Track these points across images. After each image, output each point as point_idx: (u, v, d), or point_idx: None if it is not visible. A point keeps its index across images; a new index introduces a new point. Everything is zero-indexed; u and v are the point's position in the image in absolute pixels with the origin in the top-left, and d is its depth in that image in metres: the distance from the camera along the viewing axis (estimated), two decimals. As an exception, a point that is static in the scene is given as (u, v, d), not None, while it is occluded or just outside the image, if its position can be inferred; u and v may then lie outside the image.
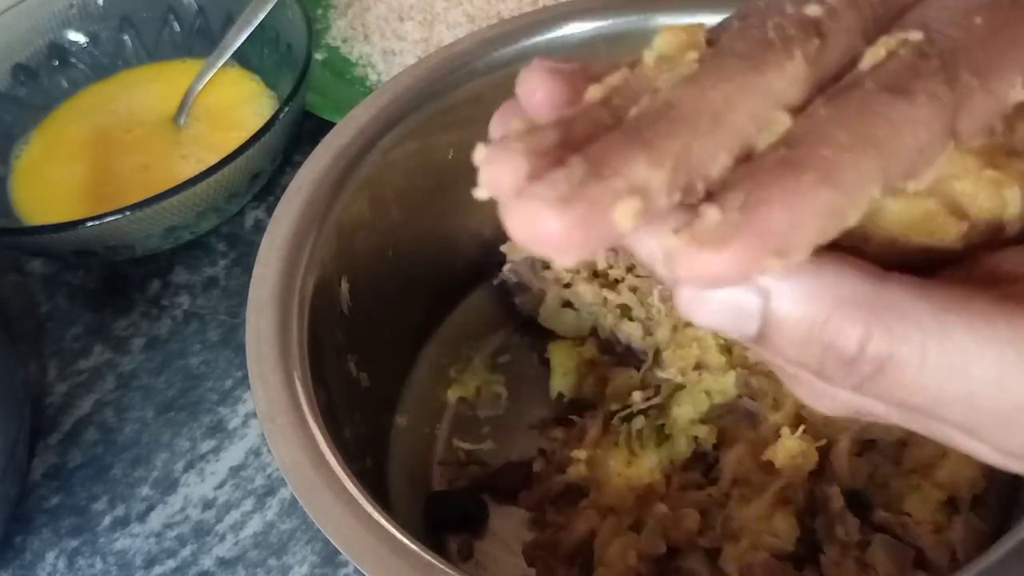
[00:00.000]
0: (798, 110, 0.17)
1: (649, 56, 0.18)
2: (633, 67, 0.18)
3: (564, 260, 0.16)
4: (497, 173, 0.16)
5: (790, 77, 0.17)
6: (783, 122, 0.17)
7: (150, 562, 0.45)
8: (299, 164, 0.42)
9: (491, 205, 0.16)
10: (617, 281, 0.46)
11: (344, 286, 0.42)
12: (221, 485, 0.47)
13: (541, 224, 0.15)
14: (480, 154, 0.16)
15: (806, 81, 0.17)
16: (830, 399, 0.19)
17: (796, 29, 0.17)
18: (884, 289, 0.17)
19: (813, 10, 0.17)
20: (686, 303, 0.17)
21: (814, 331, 0.17)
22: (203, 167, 0.49)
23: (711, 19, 0.20)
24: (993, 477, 0.39)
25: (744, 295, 0.17)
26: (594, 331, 0.48)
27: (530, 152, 0.16)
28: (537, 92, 0.18)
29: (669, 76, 0.17)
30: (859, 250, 0.18)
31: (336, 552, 0.43)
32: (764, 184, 0.16)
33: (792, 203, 0.15)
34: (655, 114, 0.16)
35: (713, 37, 0.18)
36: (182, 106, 0.59)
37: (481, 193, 0.16)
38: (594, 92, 0.17)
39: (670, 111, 0.16)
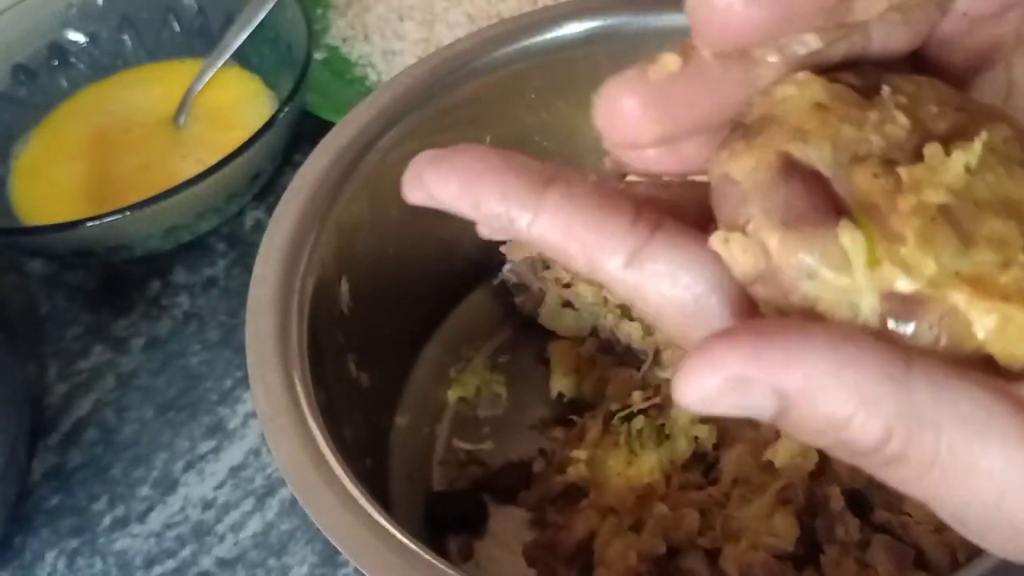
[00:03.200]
0: None
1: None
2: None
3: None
4: None
5: None
6: None
7: (150, 562, 0.45)
8: (299, 164, 0.42)
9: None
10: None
11: (344, 286, 0.42)
12: (221, 485, 0.47)
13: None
14: None
15: None
16: None
17: None
18: (909, 390, 0.16)
19: None
20: (683, 392, 0.16)
21: (834, 426, 0.16)
22: (203, 167, 0.49)
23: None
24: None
25: (759, 399, 0.16)
26: (594, 331, 0.47)
27: None
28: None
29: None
30: None
31: (336, 552, 0.43)
32: None
33: None
34: None
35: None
36: (182, 106, 0.59)
37: None
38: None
39: None
